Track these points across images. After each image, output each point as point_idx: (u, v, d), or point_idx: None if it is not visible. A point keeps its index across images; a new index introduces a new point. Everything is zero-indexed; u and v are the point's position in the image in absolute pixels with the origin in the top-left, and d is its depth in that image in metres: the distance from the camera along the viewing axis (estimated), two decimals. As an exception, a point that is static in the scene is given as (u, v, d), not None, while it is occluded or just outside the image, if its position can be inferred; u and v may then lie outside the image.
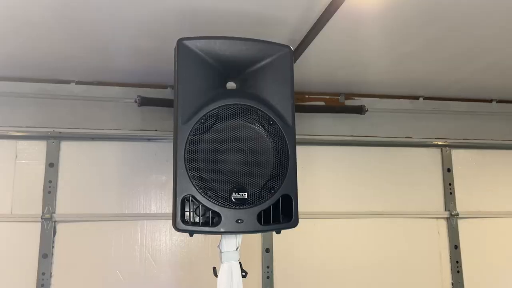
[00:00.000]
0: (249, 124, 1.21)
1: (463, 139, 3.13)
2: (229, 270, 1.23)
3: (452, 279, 2.94)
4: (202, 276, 2.65)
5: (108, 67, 2.51)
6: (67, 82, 2.71)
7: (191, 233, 1.16)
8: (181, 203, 1.13)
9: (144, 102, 2.69)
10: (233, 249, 1.25)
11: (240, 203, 1.16)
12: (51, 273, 2.52)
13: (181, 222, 1.13)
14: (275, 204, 1.19)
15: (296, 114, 2.89)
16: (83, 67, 2.50)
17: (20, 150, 2.63)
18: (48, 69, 2.52)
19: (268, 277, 2.72)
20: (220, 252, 1.27)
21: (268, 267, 2.74)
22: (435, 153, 3.10)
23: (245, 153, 1.19)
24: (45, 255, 2.52)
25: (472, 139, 3.15)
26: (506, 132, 3.21)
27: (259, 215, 1.17)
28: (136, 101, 2.69)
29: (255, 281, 2.70)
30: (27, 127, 2.64)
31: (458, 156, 3.11)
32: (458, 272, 2.94)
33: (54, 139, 2.65)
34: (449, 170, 3.07)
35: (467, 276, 2.95)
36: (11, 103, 2.64)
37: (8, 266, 2.48)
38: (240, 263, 1.26)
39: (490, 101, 3.21)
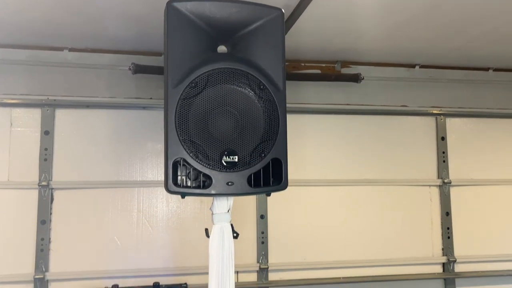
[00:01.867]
0: (239, 89, 1.22)
1: (458, 107, 3.15)
2: (220, 232, 1.27)
3: (443, 245, 3.02)
4: (198, 240, 2.72)
5: (100, 34, 2.48)
6: (60, 49, 2.68)
7: (183, 195, 1.19)
8: (173, 166, 1.15)
9: (138, 69, 2.68)
10: (225, 211, 1.29)
11: (231, 166, 1.19)
12: (49, 238, 2.57)
13: (172, 185, 1.15)
14: (266, 167, 1.21)
15: (292, 82, 2.90)
16: (75, 34, 2.48)
17: (15, 118, 2.63)
18: (40, 36, 2.49)
19: (263, 242, 2.79)
20: (212, 214, 1.30)
21: (262, 232, 2.81)
22: (430, 122, 3.11)
23: (236, 117, 1.21)
24: (43, 221, 2.57)
25: (467, 107, 3.16)
26: (501, 101, 3.22)
27: (249, 178, 1.20)
28: (130, 69, 2.68)
29: (250, 246, 2.77)
30: (21, 94, 2.64)
31: (453, 125, 3.13)
32: (448, 238, 3.02)
33: (48, 106, 2.65)
34: (443, 138, 3.09)
35: (457, 242, 3.03)
36: (4, 70, 2.62)
37: (7, 232, 2.53)
38: (231, 224, 1.30)
39: (487, 69, 3.20)
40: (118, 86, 2.75)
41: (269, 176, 1.21)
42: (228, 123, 1.19)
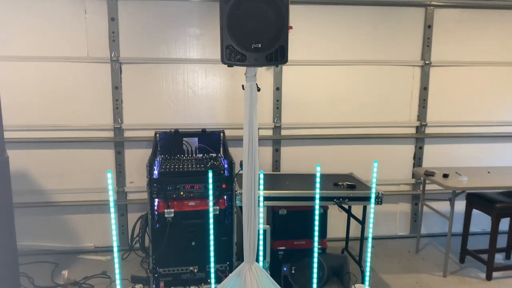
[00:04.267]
0: (262, 4, 2.30)
1: (448, -1, 4.09)
2: (250, 86, 2.47)
3: (418, 112, 4.25)
4: (228, 102, 4.00)
5: None
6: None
7: (231, 65, 2.36)
8: (225, 48, 2.31)
9: (181, -32, 3.66)
10: (253, 75, 2.47)
11: (256, 50, 2.33)
12: (122, 100, 3.88)
13: (225, 59, 2.33)
14: (276, 50, 2.36)
15: (304, -22, 3.81)
16: None
17: (88, 7, 3.75)
18: None
19: (277, 108, 4.06)
20: (246, 76, 2.49)
21: (278, 100, 4.06)
22: (420, 12, 4.09)
23: (260, 21, 2.31)
24: (116, 87, 3.85)
25: (456, -1, 4.09)
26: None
27: (267, 56, 2.35)
28: (174, -33, 3.67)
29: (268, 110, 4.06)
30: (89, -12, 3.71)
31: (440, 14, 4.10)
32: (423, 107, 4.23)
33: (112, -2, 3.74)
34: (429, 26, 4.10)
35: (430, 111, 4.25)
36: (77, -31, 3.66)
37: (92, 95, 3.85)
38: (256, 83, 2.49)
39: (478, -37, 4.04)
40: (164, -19, 3.78)
41: (278, 55, 2.36)
42: (256, 25, 2.31)
